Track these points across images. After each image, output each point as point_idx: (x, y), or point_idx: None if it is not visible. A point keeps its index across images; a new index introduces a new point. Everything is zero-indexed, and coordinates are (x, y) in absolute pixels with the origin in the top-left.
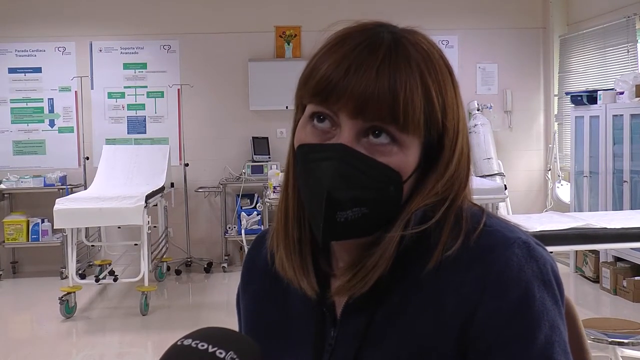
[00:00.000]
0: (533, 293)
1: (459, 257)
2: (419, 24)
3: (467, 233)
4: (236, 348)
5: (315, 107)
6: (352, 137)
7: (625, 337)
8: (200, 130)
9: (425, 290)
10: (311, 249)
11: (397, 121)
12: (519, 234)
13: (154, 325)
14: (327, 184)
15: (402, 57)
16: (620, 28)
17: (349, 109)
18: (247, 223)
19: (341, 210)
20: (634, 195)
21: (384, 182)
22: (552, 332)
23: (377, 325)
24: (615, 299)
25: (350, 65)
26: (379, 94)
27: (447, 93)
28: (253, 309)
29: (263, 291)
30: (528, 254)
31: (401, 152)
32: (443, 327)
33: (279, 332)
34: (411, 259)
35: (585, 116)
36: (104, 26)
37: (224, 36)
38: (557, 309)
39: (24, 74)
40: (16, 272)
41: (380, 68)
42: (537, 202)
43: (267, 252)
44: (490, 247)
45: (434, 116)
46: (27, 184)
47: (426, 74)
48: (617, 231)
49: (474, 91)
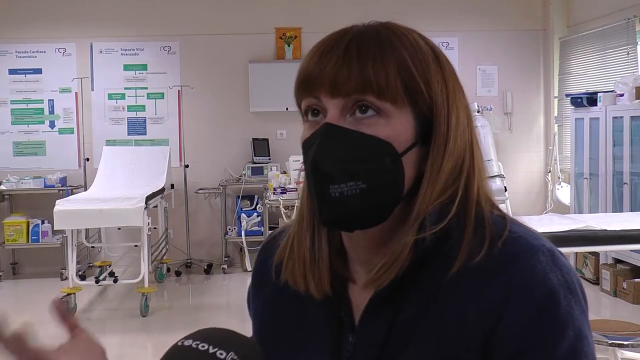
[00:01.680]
0: (558, 300)
1: (483, 263)
2: (419, 25)
3: (492, 239)
4: (237, 349)
5: (305, 102)
6: (336, 115)
7: (625, 339)
8: (200, 132)
9: (447, 296)
10: (328, 252)
11: (372, 89)
12: (543, 241)
13: (154, 326)
14: (312, 157)
15: (372, 34)
16: (620, 30)
17: (326, 89)
18: (247, 224)
19: (333, 183)
20: (634, 197)
21: (376, 153)
22: (578, 341)
23: (397, 332)
24: (615, 301)
25: (323, 51)
26: (349, 66)
27: (428, 67)
28: (265, 314)
29: (276, 294)
30: (553, 262)
31: (388, 122)
32: (465, 336)
33: (292, 339)
34: (432, 260)
35: (585, 118)
36: (105, 27)
37: (225, 38)
38: (585, 319)
39: (24, 75)
40: (16, 273)
41: (350, 45)
42: (537, 204)
43: (273, 264)
44: (515, 255)
45: (415, 84)
46: (27, 185)
47: (398, 45)
48: (617, 233)
49: (474, 93)
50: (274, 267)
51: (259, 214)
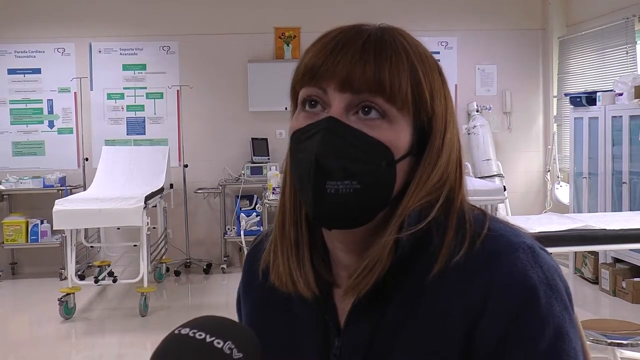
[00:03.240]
0: (538, 297)
1: (463, 263)
2: (419, 25)
3: (472, 238)
4: (234, 338)
5: (306, 90)
6: (341, 110)
7: (624, 338)
8: (199, 132)
9: (430, 296)
10: (310, 253)
11: (384, 92)
12: (523, 238)
13: (154, 326)
14: (316, 150)
15: (388, 38)
16: (620, 29)
17: (336, 82)
18: (246, 224)
19: (331, 179)
20: (633, 196)
21: (375, 156)
22: (558, 338)
23: (382, 335)
24: (614, 300)
25: (337, 43)
26: (365, 64)
27: (434, 79)
28: (254, 318)
29: (264, 299)
30: (533, 259)
31: (391, 128)
32: (449, 336)
33: (281, 342)
34: (414, 262)
35: (584, 117)
36: (104, 27)
37: (224, 37)
38: (567, 316)
39: (23, 75)
40: (15, 273)
41: (367, 44)
42: (536, 203)
43: (260, 266)
44: (495, 253)
45: (422, 95)
46: (26, 185)
47: (412, 54)
48: (616, 232)
49: (473, 92)
50: (261, 272)
51: (258, 214)
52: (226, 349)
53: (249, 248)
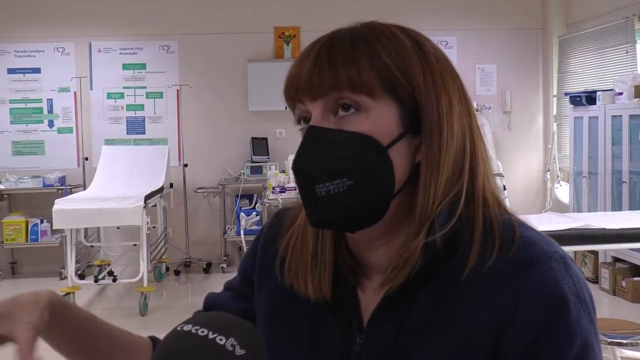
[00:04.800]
0: (569, 309)
1: (494, 269)
2: (418, 25)
3: (503, 243)
4: (237, 335)
5: (297, 111)
6: (319, 117)
7: (624, 337)
8: (199, 131)
9: (457, 299)
10: (333, 258)
11: (345, 84)
12: (555, 247)
13: (153, 325)
14: (295, 161)
15: (345, 34)
16: (619, 29)
17: (306, 94)
18: (246, 223)
19: (317, 183)
20: (632, 195)
21: (357, 149)
22: (584, 352)
23: (406, 336)
24: (614, 300)
25: (303, 55)
26: (320, 66)
27: (406, 56)
28: (271, 312)
29: (282, 293)
30: (565, 270)
31: (368, 117)
32: (475, 340)
33: (298, 336)
34: (442, 264)
35: (584, 117)
36: (103, 27)
37: (223, 37)
38: (593, 329)
39: (23, 74)
40: (15, 273)
41: (321, 49)
42: (536, 202)
43: (278, 257)
44: (529, 261)
45: (391, 75)
46: (26, 184)
47: (371, 39)
48: (616, 232)
49: (473, 92)
50: (278, 262)
51: (258, 213)
52: (229, 346)
53: (267, 224)
